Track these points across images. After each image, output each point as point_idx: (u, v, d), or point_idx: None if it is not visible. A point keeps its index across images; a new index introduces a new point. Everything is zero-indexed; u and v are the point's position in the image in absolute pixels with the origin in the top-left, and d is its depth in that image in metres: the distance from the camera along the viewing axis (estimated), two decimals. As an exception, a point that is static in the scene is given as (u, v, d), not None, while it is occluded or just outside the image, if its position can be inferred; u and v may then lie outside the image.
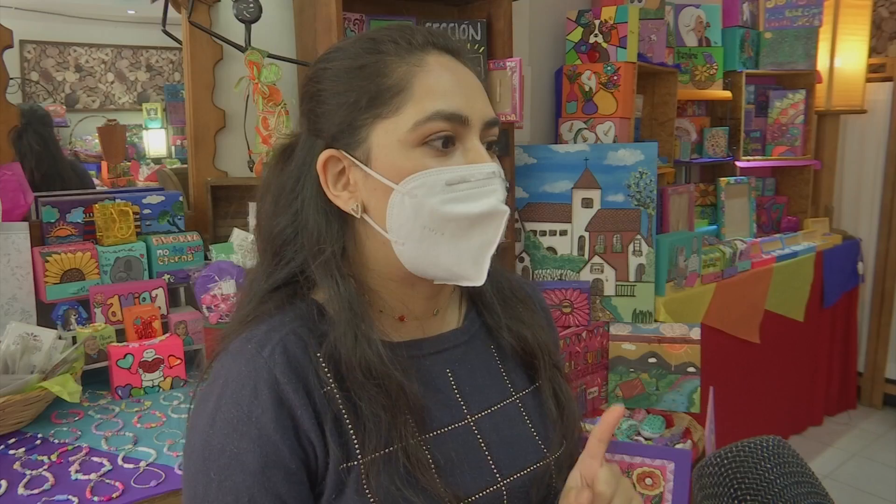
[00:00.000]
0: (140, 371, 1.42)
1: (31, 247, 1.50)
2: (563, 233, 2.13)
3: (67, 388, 1.23)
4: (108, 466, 1.11)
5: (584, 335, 2.05)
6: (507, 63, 1.86)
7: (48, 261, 1.47)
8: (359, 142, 0.67)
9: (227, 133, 1.82)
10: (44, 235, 1.54)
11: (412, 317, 0.73)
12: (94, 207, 1.56)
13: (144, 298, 1.54)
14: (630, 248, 2.08)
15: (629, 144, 2.13)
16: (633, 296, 2.10)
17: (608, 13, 2.25)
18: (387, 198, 0.66)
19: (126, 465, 1.12)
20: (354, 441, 0.64)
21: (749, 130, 3.07)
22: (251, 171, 1.78)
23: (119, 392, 1.40)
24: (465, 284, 0.69)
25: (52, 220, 1.55)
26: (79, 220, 1.58)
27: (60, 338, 1.36)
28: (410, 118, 0.65)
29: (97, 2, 1.97)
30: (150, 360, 1.43)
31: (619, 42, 2.25)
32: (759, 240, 2.86)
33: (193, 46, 1.74)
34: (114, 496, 1.03)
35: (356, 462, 0.63)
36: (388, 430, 0.64)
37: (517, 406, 0.77)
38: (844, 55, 3.10)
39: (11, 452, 1.16)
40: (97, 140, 1.96)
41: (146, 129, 2.02)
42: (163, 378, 1.44)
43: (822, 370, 3.12)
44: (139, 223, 1.64)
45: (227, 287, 1.45)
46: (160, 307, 1.55)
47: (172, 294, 1.66)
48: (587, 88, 2.30)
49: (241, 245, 1.58)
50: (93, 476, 1.08)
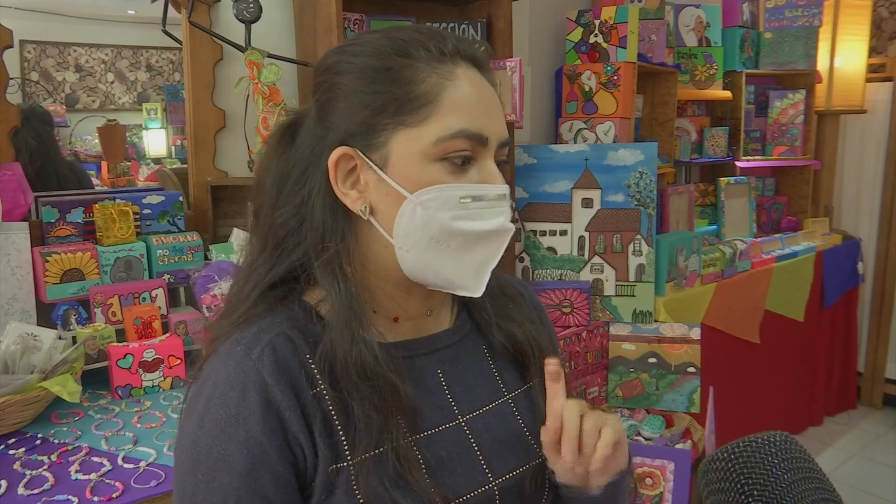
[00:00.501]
0: (140, 371, 1.42)
1: (31, 247, 1.50)
2: (563, 233, 2.13)
3: (67, 388, 1.23)
4: (108, 466, 1.12)
5: (584, 335, 2.05)
6: (507, 63, 1.86)
7: (48, 261, 1.47)
8: (377, 145, 0.66)
9: (227, 133, 1.82)
10: (44, 235, 1.54)
11: (406, 317, 0.73)
12: (94, 207, 1.56)
13: (144, 298, 1.54)
14: (630, 248, 2.08)
15: (629, 144, 2.13)
16: (633, 296, 2.10)
17: (608, 13, 2.25)
18: (398, 205, 0.66)
19: (126, 465, 1.12)
20: (344, 442, 0.64)
21: (749, 130, 3.07)
22: (251, 171, 1.77)
23: (119, 392, 1.40)
24: (463, 294, 0.69)
25: (52, 220, 1.55)
26: (79, 220, 1.58)
27: (60, 338, 1.36)
28: (434, 132, 0.64)
29: (97, 2, 1.97)
30: (150, 360, 1.43)
31: (619, 42, 2.25)
32: (759, 240, 2.86)
33: (193, 46, 1.74)
34: (114, 496, 1.03)
35: (346, 463, 0.63)
36: (379, 431, 0.64)
37: (509, 405, 0.77)
38: (844, 55, 3.10)
39: (11, 452, 1.16)
40: (97, 140, 1.96)
41: (146, 129, 2.02)
42: (163, 378, 1.44)
43: (822, 370, 3.12)
44: (139, 223, 1.64)
45: (227, 287, 1.45)
46: (160, 307, 1.55)
47: (172, 294, 1.66)
48: (587, 88, 2.30)
49: (241, 245, 1.58)
50: (93, 476, 1.08)
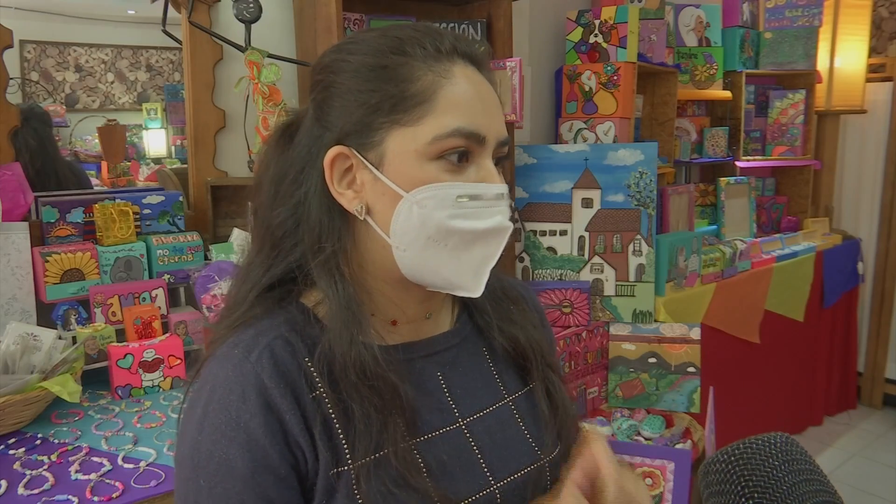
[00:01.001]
0: (140, 371, 1.42)
1: (31, 247, 1.50)
2: (563, 233, 2.13)
3: (67, 388, 1.23)
4: (108, 466, 1.11)
5: (584, 335, 2.05)
6: (507, 63, 1.86)
7: (48, 261, 1.47)
8: (373, 144, 0.66)
9: (227, 133, 1.82)
10: (44, 235, 1.54)
11: (405, 320, 0.73)
12: (94, 207, 1.56)
13: (144, 298, 1.54)
14: (630, 248, 2.08)
15: (629, 144, 2.13)
16: (633, 296, 2.10)
17: (608, 13, 2.25)
18: (394, 204, 0.65)
19: (126, 465, 1.12)
20: (344, 446, 0.63)
21: (749, 130, 3.07)
22: (251, 171, 1.77)
23: (119, 392, 1.40)
24: (462, 294, 0.68)
25: (52, 220, 1.55)
26: (79, 220, 1.58)
27: (60, 338, 1.36)
28: (431, 131, 0.64)
29: (97, 2, 1.97)
30: (150, 360, 1.43)
31: (619, 42, 2.25)
32: (759, 240, 2.86)
33: (193, 46, 1.74)
34: (114, 496, 1.03)
35: (346, 467, 0.63)
36: (379, 434, 0.63)
37: (510, 408, 0.77)
38: (844, 55, 3.10)
39: (11, 452, 1.16)
40: (97, 140, 1.96)
41: (146, 129, 2.02)
42: (163, 378, 1.44)
43: (822, 370, 3.12)
44: (139, 223, 1.64)
45: (227, 285, 1.45)
46: (160, 307, 1.55)
47: (172, 294, 1.65)
48: (587, 88, 2.30)
49: (241, 245, 1.58)
50: (93, 476, 1.08)
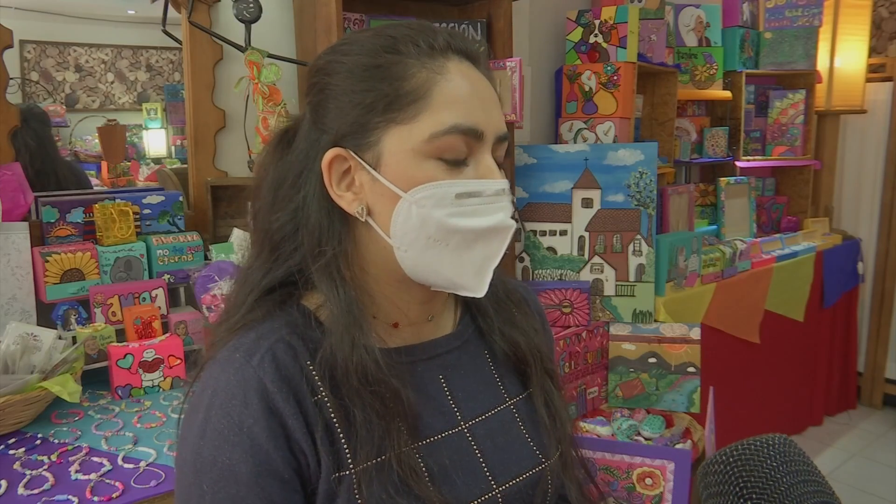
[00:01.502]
0: (140, 371, 1.42)
1: (31, 247, 1.50)
2: (563, 233, 2.13)
3: (67, 388, 1.23)
4: (108, 466, 1.11)
5: (584, 335, 2.05)
6: (507, 63, 1.86)
7: (48, 261, 1.47)
8: (369, 144, 0.65)
9: (227, 133, 1.82)
10: (44, 235, 1.54)
11: (407, 322, 0.72)
12: (94, 207, 1.56)
13: (144, 298, 1.54)
14: (630, 248, 2.08)
15: (629, 144, 2.13)
16: (633, 296, 2.10)
17: (608, 13, 2.25)
18: (393, 204, 0.64)
19: (126, 465, 1.12)
20: (346, 450, 0.63)
21: (749, 130, 3.07)
22: (251, 171, 1.77)
23: (119, 392, 1.40)
24: (465, 294, 0.68)
25: (52, 220, 1.55)
26: (79, 220, 1.58)
27: (60, 338, 1.36)
28: (427, 129, 0.63)
29: (97, 2, 1.97)
30: (150, 360, 1.43)
31: (619, 42, 2.24)
32: (759, 240, 2.86)
33: (193, 46, 1.73)
34: (114, 496, 1.03)
35: (348, 472, 0.62)
36: (381, 439, 0.63)
37: (511, 412, 0.76)
38: (844, 55, 3.10)
39: (11, 452, 1.16)
40: (97, 140, 1.96)
41: (146, 129, 2.02)
42: (163, 378, 1.44)
43: (822, 370, 3.12)
44: (139, 223, 1.64)
45: (227, 287, 1.45)
46: (160, 307, 1.55)
47: (172, 294, 1.65)
48: (587, 88, 2.30)
49: (241, 245, 1.58)
50: (93, 476, 1.08)
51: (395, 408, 0.64)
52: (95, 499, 1.02)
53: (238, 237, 1.62)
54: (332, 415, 0.63)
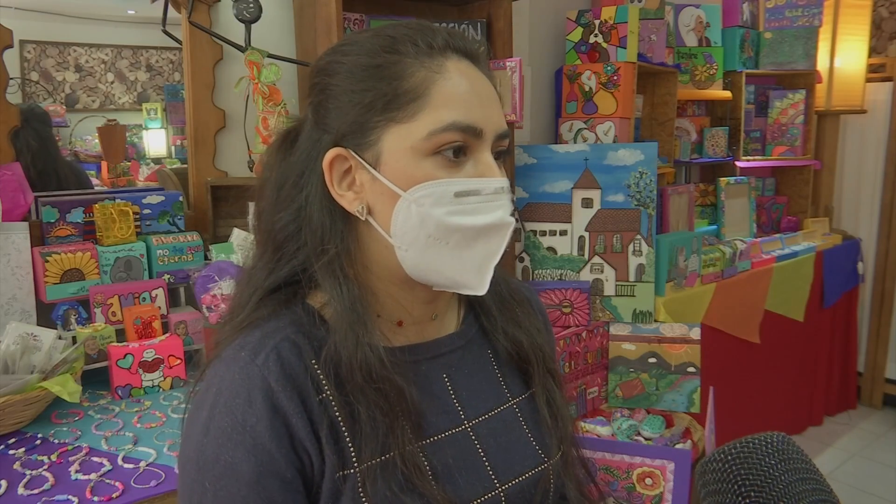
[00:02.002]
0: (140, 371, 1.42)
1: (31, 247, 1.50)
2: (563, 233, 2.13)
3: (67, 388, 1.23)
4: (108, 466, 1.11)
5: (584, 335, 2.05)
6: (507, 63, 1.87)
7: (48, 261, 1.47)
8: (369, 144, 0.65)
9: (227, 133, 1.82)
10: (44, 235, 1.54)
11: (410, 321, 0.72)
12: (94, 207, 1.56)
13: (144, 298, 1.54)
14: (630, 248, 2.08)
15: (629, 144, 2.13)
16: (633, 296, 2.10)
17: (608, 13, 2.25)
18: (393, 203, 0.65)
19: (126, 465, 1.12)
20: (350, 449, 0.63)
21: (749, 130, 3.07)
22: (251, 171, 1.77)
23: (119, 392, 1.40)
24: (467, 293, 0.68)
25: (52, 220, 1.55)
26: (79, 220, 1.58)
27: (60, 338, 1.36)
28: (425, 126, 0.63)
29: (97, 2, 1.97)
30: (150, 360, 1.43)
31: (619, 42, 2.25)
32: (759, 240, 2.86)
33: (193, 46, 1.74)
34: (114, 496, 1.03)
35: (352, 470, 0.63)
36: (386, 436, 0.63)
37: (514, 411, 0.77)
38: (844, 55, 3.10)
39: (11, 452, 1.16)
40: (97, 140, 1.96)
41: (146, 129, 2.02)
42: (163, 378, 1.44)
43: (822, 370, 3.12)
44: (139, 223, 1.64)
45: (227, 287, 1.45)
46: (160, 307, 1.55)
47: (172, 294, 1.66)
48: (587, 88, 2.30)
49: (241, 245, 1.58)
50: (93, 476, 1.08)
51: (399, 405, 0.64)
52: (95, 499, 1.02)
53: (238, 237, 1.62)
54: (337, 413, 0.64)
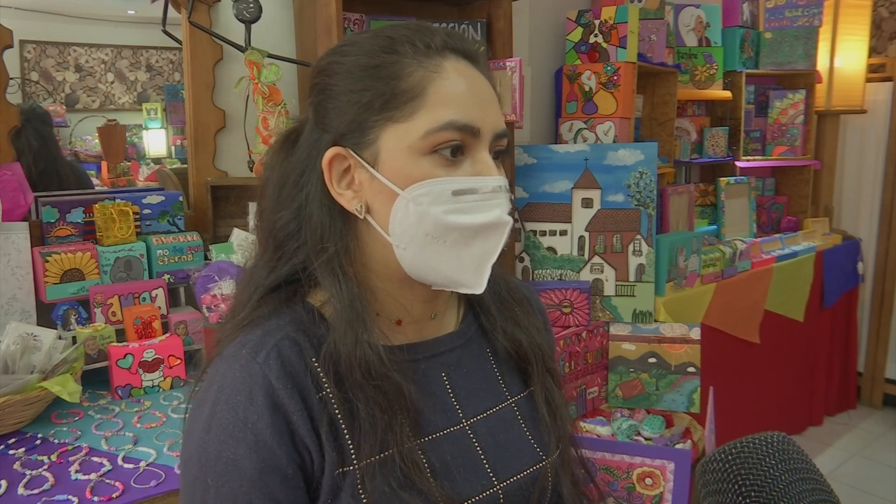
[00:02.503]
0: (140, 371, 1.42)
1: (31, 247, 1.50)
2: (563, 233, 2.13)
3: (67, 388, 1.23)
4: (108, 466, 1.12)
5: (584, 335, 2.05)
6: (507, 63, 1.87)
7: (48, 261, 1.47)
8: (367, 143, 0.66)
9: (227, 133, 1.82)
10: (44, 235, 1.54)
11: (410, 320, 0.73)
12: (94, 207, 1.56)
13: (144, 298, 1.54)
14: (630, 248, 2.08)
15: (629, 144, 2.13)
16: (633, 296, 2.10)
17: (608, 13, 2.25)
18: (391, 202, 0.65)
19: (126, 465, 1.12)
20: (350, 445, 0.64)
21: (749, 130, 3.07)
22: (251, 171, 1.77)
23: (119, 392, 1.40)
24: (465, 292, 0.68)
25: (52, 220, 1.55)
26: (79, 220, 1.58)
27: (60, 338, 1.36)
28: (423, 126, 0.64)
29: (97, 2, 1.97)
30: (150, 360, 1.43)
31: (619, 42, 2.25)
32: (759, 240, 2.86)
33: (193, 46, 1.74)
34: (114, 496, 1.03)
35: (351, 467, 0.63)
36: (385, 434, 0.64)
37: (512, 410, 0.77)
38: (844, 55, 3.10)
39: (11, 452, 1.16)
40: (97, 140, 1.96)
41: (146, 129, 2.02)
42: (163, 378, 1.44)
43: (822, 370, 3.12)
44: (139, 223, 1.64)
45: (227, 287, 1.45)
46: (160, 307, 1.55)
47: (172, 294, 1.66)
48: (587, 88, 2.30)
49: (241, 245, 1.58)
50: (93, 476, 1.08)
51: (398, 402, 0.65)
52: (95, 499, 1.02)
53: (238, 237, 1.62)
54: (337, 410, 0.64)
